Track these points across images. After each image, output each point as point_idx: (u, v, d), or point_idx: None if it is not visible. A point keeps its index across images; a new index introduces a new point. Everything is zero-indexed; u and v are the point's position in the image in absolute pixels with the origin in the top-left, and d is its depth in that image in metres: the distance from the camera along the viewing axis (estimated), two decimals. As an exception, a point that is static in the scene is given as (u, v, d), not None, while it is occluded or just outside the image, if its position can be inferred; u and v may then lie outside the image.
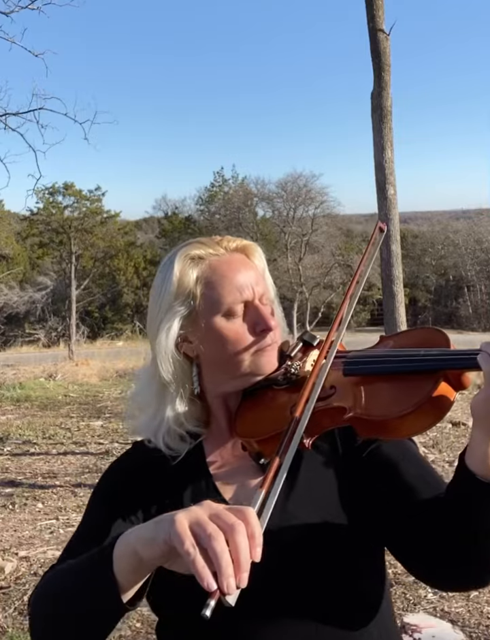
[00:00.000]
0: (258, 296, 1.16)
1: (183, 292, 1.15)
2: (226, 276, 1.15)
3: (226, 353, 1.14)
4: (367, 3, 7.07)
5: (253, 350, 1.14)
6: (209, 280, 1.15)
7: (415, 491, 1.07)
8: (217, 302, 1.14)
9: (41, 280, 32.29)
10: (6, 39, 9.94)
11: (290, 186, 31.86)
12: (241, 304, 1.15)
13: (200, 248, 1.17)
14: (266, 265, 1.24)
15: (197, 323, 1.15)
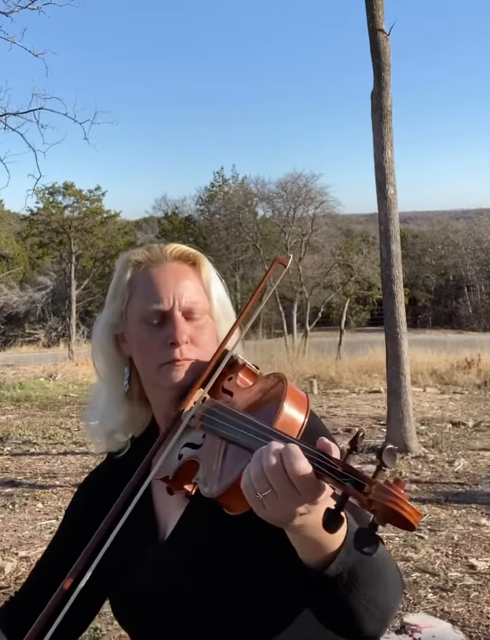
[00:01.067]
0: (180, 307, 1.14)
1: (117, 292, 1.19)
2: (152, 283, 1.15)
3: (141, 359, 1.16)
4: (367, 3, 7.07)
5: (161, 363, 1.12)
6: (137, 285, 1.16)
7: None
8: (137, 308, 1.15)
9: (41, 280, 32.30)
10: (6, 39, 9.96)
11: (290, 186, 31.87)
12: (158, 313, 1.13)
13: (143, 254, 1.19)
14: (214, 277, 1.21)
15: (126, 325, 1.18)
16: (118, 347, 1.20)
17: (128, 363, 1.20)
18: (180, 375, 1.12)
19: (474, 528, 4.95)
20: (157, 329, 1.14)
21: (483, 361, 12.86)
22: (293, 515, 0.84)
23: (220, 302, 1.21)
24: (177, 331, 1.12)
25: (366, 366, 13.62)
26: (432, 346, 15.33)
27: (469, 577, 4.13)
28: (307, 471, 0.82)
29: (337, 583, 0.91)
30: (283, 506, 0.84)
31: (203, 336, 1.16)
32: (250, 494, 0.86)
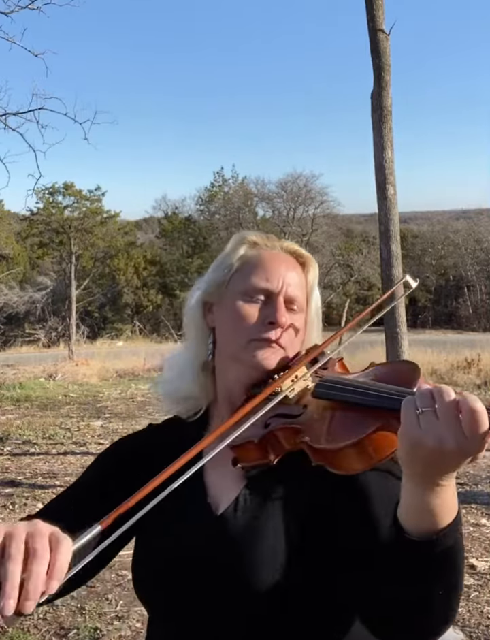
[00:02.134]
0: (284, 293, 1.16)
1: (224, 264, 1.21)
2: (264, 263, 1.18)
3: (231, 330, 1.16)
4: (367, 3, 7.07)
5: (252, 338, 1.14)
6: (249, 261, 1.19)
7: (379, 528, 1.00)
8: (243, 280, 1.17)
9: (41, 280, 32.30)
10: (6, 39, 9.94)
11: (290, 186, 31.90)
12: (263, 291, 1.16)
13: (259, 237, 1.22)
14: (316, 283, 1.26)
15: (222, 296, 1.19)
16: (204, 316, 1.22)
17: (212, 334, 1.22)
18: (267, 356, 1.14)
19: (474, 528, 4.95)
20: (258, 306, 1.16)
21: (483, 361, 12.86)
22: (443, 449, 0.80)
23: (316, 309, 1.26)
24: (278, 312, 1.14)
25: (366, 366, 13.60)
26: (432, 346, 15.33)
27: (469, 577, 4.13)
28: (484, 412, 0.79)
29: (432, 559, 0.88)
30: (439, 430, 0.80)
31: (294, 330, 1.18)
32: (408, 406, 0.84)
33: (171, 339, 23.24)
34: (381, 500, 1.03)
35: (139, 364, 15.76)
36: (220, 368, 1.21)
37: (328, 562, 1.04)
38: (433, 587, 0.90)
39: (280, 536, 1.06)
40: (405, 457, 0.86)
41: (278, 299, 1.15)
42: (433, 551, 0.87)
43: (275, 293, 1.16)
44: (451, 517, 0.88)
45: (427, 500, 0.86)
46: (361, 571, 0.98)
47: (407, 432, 0.83)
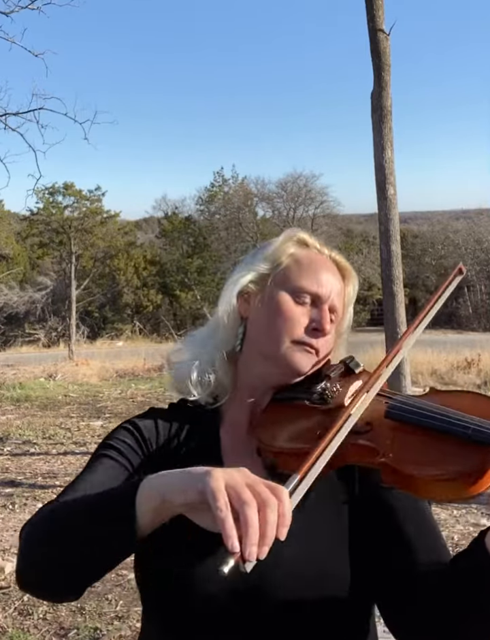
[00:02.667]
0: (330, 302, 1.16)
1: (273, 257, 1.18)
2: (315, 268, 1.16)
3: (272, 326, 1.13)
4: (367, 3, 7.07)
5: (294, 340, 1.12)
6: (300, 260, 1.17)
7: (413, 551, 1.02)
8: (294, 279, 1.15)
9: (41, 280, 32.28)
10: (6, 39, 9.95)
11: (290, 186, 31.89)
12: (311, 295, 1.15)
13: (311, 237, 1.21)
14: (353, 300, 1.24)
15: (264, 288, 1.16)
16: (239, 304, 1.19)
17: (243, 324, 1.18)
18: (304, 361, 1.13)
19: (474, 528, 4.95)
20: (305, 309, 1.14)
21: (483, 361, 12.86)
22: None
23: (348, 323, 1.24)
24: (324, 319, 1.13)
25: (366, 366, 13.57)
26: (432, 346, 15.31)
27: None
28: None
29: None
30: None
31: (331, 339, 1.18)
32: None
33: (171, 339, 23.23)
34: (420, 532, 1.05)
35: (139, 364, 15.75)
36: (246, 362, 1.18)
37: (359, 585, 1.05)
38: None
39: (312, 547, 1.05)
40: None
41: (324, 306, 1.15)
42: None
43: (322, 300, 1.15)
44: None
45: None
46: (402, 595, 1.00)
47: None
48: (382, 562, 1.04)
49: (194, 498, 0.83)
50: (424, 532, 1.05)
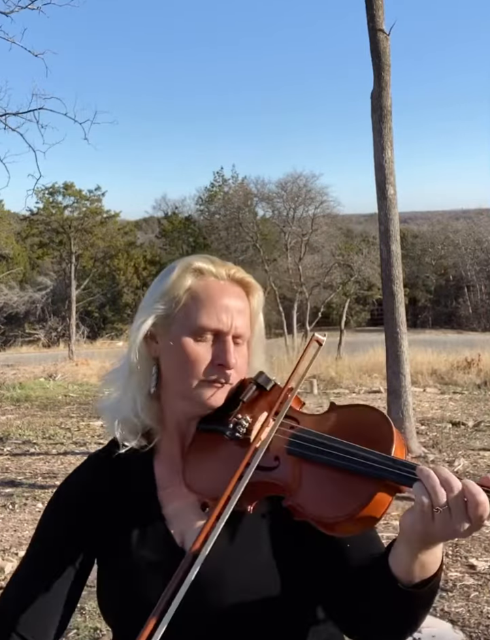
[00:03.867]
0: (233, 331, 1.15)
1: (170, 294, 1.16)
2: (213, 300, 1.15)
3: (180, 368, 1.15)
4: (367, 3, 7.07)
5: (202, 379, 1.13)
6: (197, 295, 1.15)
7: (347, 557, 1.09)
8: (192, 319, 1.14)
9: (41, 280, 32.31)
10: (6, 39, 9.95)
11: (290, 186, 31.87)
12: (212, 332, 1.14)
13: (206, 263, 1.18)
14: (261, 309, 1.23)
15: (168, 329, 1.16)
16: (147, 345, 1.19)
17: (156, 364, 1.19)
18: (217, 397, 1.14)
19: (474, 528, 4.96)
20: (207, 346, 1.14)
21: (483, 361, 12.86)
22: (455, 534, 0.91)
23: (260, 335, 1.24)
24: (228, 355, 1.13)
25: (366, 366, 13.63)
26: (432, 346, 15.33)
27: (469, 577, 4.13)
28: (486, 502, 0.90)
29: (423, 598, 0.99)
30: (452, 525, 0.90)
31: (242, 364, 1.18)
32: (424, 506, 0.91)
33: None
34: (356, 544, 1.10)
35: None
36: (166, 400, 1.20)
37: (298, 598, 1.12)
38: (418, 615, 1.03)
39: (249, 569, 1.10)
40: (411, 538, 0.94)
41: (227, 338, 1.14)
42: (423, 592, 0.98)
43: (224, 333, 1.14)
44: (438, 565, 0.99)
45: (422, 558, 0.96)
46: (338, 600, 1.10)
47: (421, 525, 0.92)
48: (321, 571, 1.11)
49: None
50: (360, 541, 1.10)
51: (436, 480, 0.91)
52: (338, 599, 1.09)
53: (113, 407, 1.22)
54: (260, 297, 1.23)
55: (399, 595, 0.98)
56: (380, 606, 1.02)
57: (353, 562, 1.09)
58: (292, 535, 1.12)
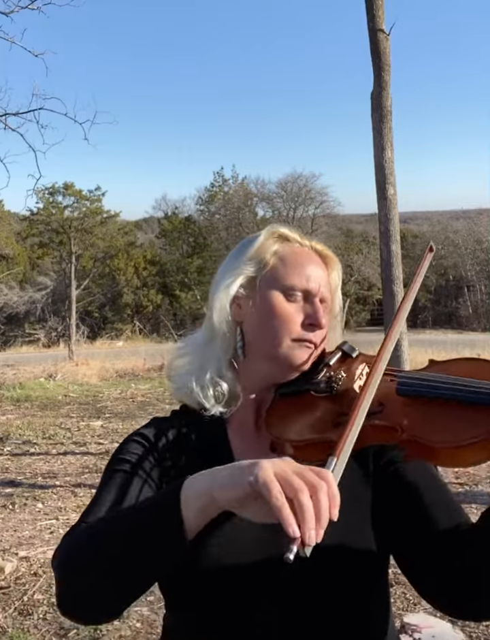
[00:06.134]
0: (320, 294, 1.17)
1: (257, 257, 1.18)
2: (301, 263, 1.17)
3: (269, 328, 1.14)
4: (367, 3, 7.07)
5: (293, 338, 1.13)
6: (285, 257, 1.17)
7: (435, 517, 1.07)
8: (282, 278, 1.15)
9: (41, 280, 32.29)
10: (6, 39, 9.94)
11: (290, 186, 31.94)
12: (303, 291, 1.15)
13: (290, 231, 1.21)
14: (339, 284, 1.24)
15: (255, 290, 1.16)
16: (231, 309, 1.18)
17: (240, 330, 1.18)
18: (305, 357, 1.14)
19: (474, 528, 4.96)
20: (298, 305, 1.15)
21: (483, 361, 12.85)
22: None
23: (339, 309, 1.25)
24: (319, 314, 1.14)
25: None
26: (432, 346, 15.37)
27: (469, 577, 4.13)
28: None
29: None
30: None
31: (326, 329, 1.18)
32: None
33: (171, 339, 23.24)
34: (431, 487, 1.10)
35: (139, 364, 15.76)
36: (249, 365, 1.18)
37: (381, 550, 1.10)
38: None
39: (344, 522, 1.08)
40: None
41: (315, 300, 1.16)
42: None
43: (313, 294, 1.16)
44: None
45: None
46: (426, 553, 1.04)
47: None
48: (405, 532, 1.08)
49: (246, 491, 0.83)
50: (441, 498, 1.09)
51: None
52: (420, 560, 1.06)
53: (192, 373, 1.19)
54: (339, 272, 1.24)
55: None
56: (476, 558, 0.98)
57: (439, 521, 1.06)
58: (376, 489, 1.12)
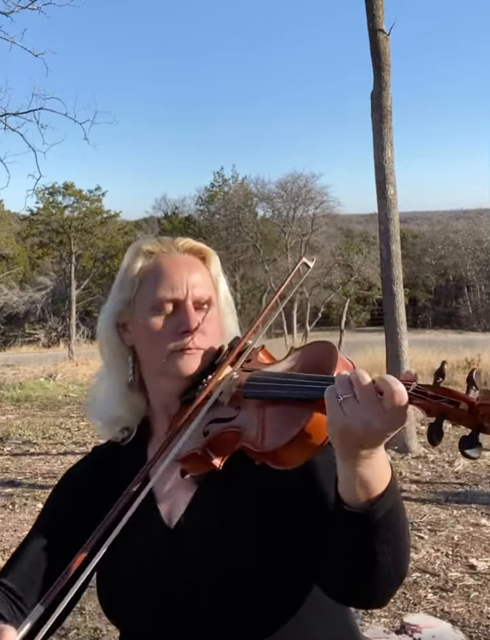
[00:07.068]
0: (192, 297, 1.16)
1: (127, 280, 1.19)
2: (164, 272, 1.17)
3: (149, 346, 1.16)
4: (367, 3, 7.07)
5: (171, 350, 1.14)
6: (149, 273, 1.18)
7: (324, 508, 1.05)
8: (149, 295, 1.16)
9: (41, 280, 32.31)
10: (6, 39, 9.95)
11: (290, 186, 31.93)
12: (170, 302, 1.15)
13: (154, 244, 1.21)
14: (220, 272, 1.24)
15: (132, 313, 1.18)
16: (120, 336, 1.21)
17: (132, 353, 1.20)
18: (190, 364, 1.14)
19: (474, 528, 4.95)
20: (168, 317, 1.15)
21: (483, 361, 12.86)
22: (370, 430, 0.86)
23: (226, 297, 1.25)
24: (190, 319, 1.14)
25: (366, 366, 13.60)
26: (432, 346, 15.36)
27: (469, 577, 4.13)
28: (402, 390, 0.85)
29: (374, 525, 0.93)
30: (362, 414, 0.86)
31: (211, 327, 1.18)
32: (330, 396, 0.89)
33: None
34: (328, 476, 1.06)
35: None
36: (149, 383, 1.21)
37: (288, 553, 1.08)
38: (380, 550, 0.95)
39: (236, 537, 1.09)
40: (336, 442, 0.90)
41: (186, 304, 1.15)
42: (374, 518, 0.93)
43: (182, 300, 1.15)
44: (385, 483, 0.94)
45: (360, 472, 0.91)
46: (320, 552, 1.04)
47: (333, 419, 0.88)
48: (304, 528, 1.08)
49: None
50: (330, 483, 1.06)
51: (345, 375, 0.90)
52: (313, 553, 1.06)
53: (97, 407, 1.25)
54: (216, 261, 1.24)
55: (347, 519, 0.94)
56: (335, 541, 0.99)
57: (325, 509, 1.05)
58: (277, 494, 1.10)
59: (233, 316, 1.26)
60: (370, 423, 0.86)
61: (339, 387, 0.89)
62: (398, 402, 0.84)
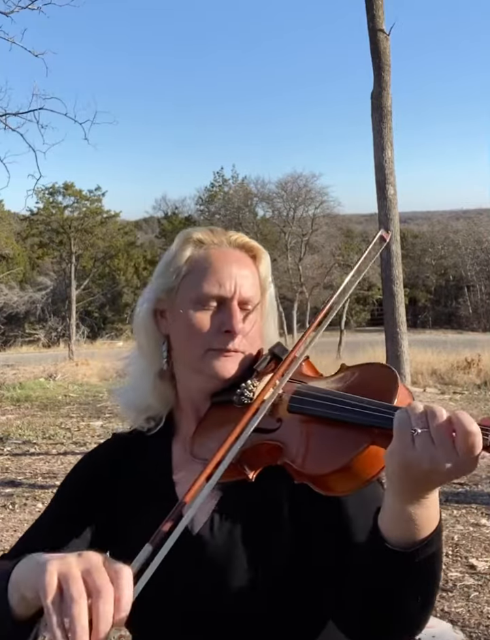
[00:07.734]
0: (238, 297, 1.11)
1: (173, 267, 1.14)
2: (213, 266, 1.12)
3: (187, 339, 1.12)
4: (367, 3, 7.08)
5: (209, 348, 1.10)
6: (197, 263, 1.13)
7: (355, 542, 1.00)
8: (194, 287, 1.11)
9: (41, 280, 32.30)
10: (6, 39, 9.95)
11: (290, 186, 31.89)
12: (216, 298, 1.11)
13: (205, 234, 1.16)
14: (270, 274, 1.19)
15: (174, 301, 1.14)
16: (157, 323, 1.17)
17: (166, 341, 1.16)
18: (227, 366, 1.10)
19: (474, 528, 4.95)
20: (211, 314, 1.11)
21: (483, 361, 12.85)
22: (437, 470, 0.81)
23: (271, 301, 1.21)
24: (234, 320, 1.09)
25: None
26: (432, 346, 15.33)
27: (469, 577, 4.13)
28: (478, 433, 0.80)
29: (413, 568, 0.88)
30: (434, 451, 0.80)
31: (252, 330, 1.13)
32: (403, 427, 0.82)
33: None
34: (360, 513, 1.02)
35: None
36: (179, 376, 1.17)
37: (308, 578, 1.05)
38: (410, 594, 0.91)
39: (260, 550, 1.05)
40: (394, 476, 0.85)
41: (232, 304, 1.10)
42: (414, 561, 0.88)
43: (228, 298, 1.10)
44: (433, 526, 0.89)
45: (411, 511, 0.86)
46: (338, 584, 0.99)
47: (400, 452, 0.83)
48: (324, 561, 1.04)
49: (34, 595, 0.78)
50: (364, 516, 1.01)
51: (419, 407, 0.84)
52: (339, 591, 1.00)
53: (126, 393, 1.21)
54: (267, 262, 1.19)
55: (386, 557, 0.88)
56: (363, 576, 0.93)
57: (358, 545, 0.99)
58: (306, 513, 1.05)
59: (274, 321, 1.22)
60: (439, 462, 0.81)
61: (415, 420, 0.82)
62: (471, 444, 0.79)
